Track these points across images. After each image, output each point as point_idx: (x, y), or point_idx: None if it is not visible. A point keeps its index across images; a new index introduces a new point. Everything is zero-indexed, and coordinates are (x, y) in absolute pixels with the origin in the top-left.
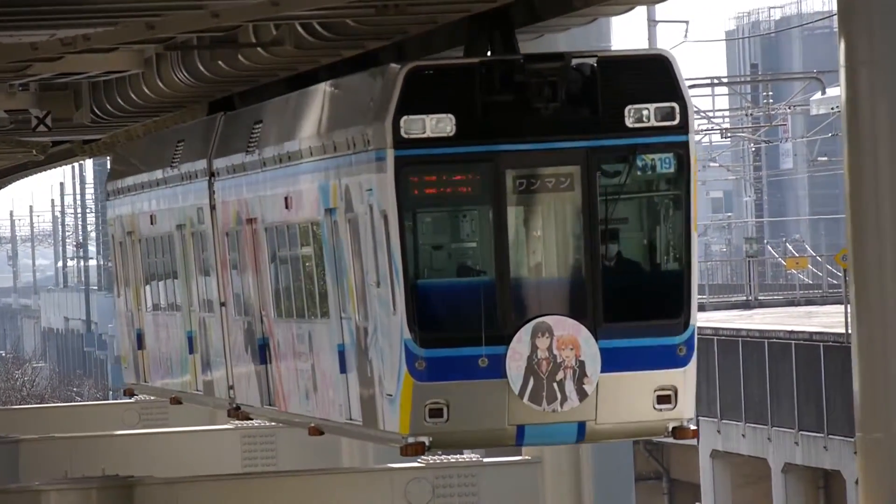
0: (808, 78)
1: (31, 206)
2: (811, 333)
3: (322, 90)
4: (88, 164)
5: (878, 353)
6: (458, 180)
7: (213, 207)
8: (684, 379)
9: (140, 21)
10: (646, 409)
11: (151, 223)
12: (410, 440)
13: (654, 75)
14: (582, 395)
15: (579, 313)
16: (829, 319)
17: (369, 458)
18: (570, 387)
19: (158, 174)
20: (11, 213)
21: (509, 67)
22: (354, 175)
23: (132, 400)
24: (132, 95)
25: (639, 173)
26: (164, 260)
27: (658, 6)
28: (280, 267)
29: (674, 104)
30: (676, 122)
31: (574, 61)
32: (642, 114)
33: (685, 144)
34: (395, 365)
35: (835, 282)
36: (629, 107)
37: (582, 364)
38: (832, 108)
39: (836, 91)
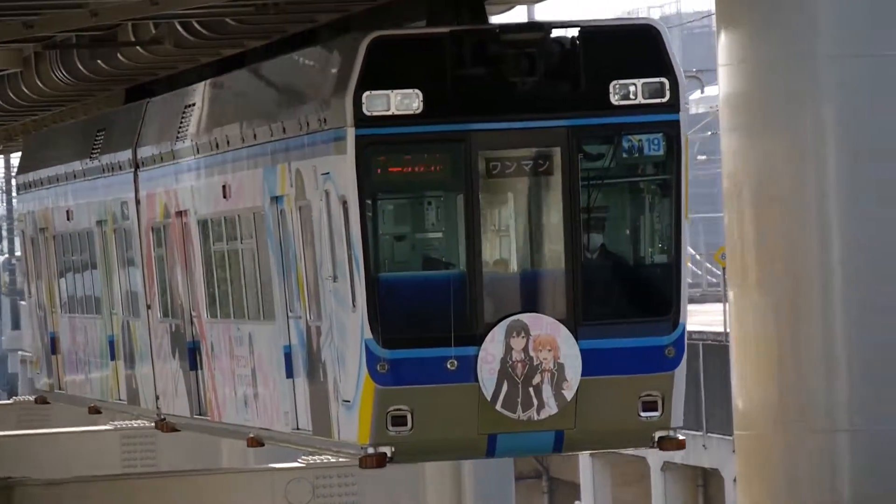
0: (687, 77)
1: None
2: (690, 332)
3: (266, 68)
4: None
5: (755, 352)
6: (425, 163)
7: (137, 201)
8: (672, 384)
9: (18, 20)
10: (630, 416)
11: (68, 219)
12: (370, 451)
13: (641, 48)
14: (561, 400)
15: (558, 311)
16: (709, 318)
17: (250, 459)
18: (547, 392)
19: (76, 166)
20: None
21: (483, 38)
22: (308, 158)
23: (10, 401)
24: (11, 94)
25: (625, 156)
26: (82, 258)
27: (538, 6)
28: (215, 263)
29: (663, 79)
30: (666, 99)
31: (554, 32)
32: (629, 90)
33: (676, 124)
34: (353, 368)
35: (714, 280)
36: (614, 82)
37: (561, 367)
38: (710, 107)
39: (715, 90)
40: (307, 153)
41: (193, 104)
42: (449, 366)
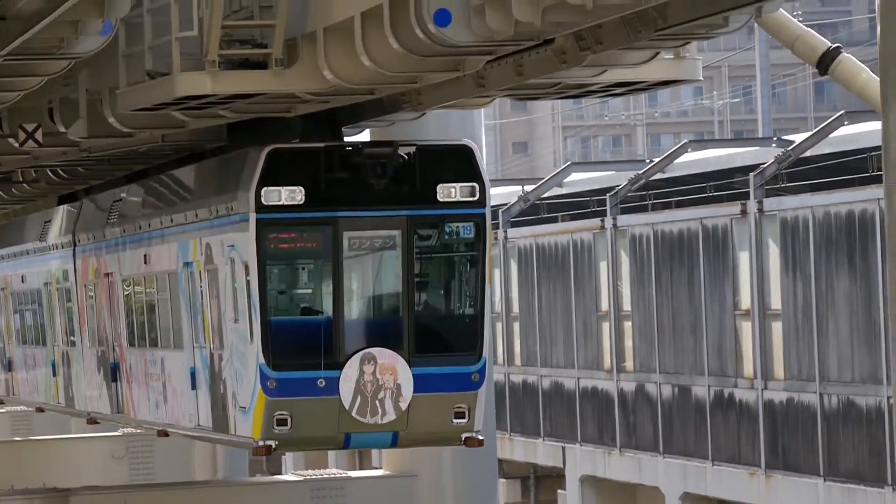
0: None
1: None
2: None
3: (178, 174)
4: None
5: None
6: (305, 238)
7: (75, 269)
8: (476, 399)
9: None
10: (446, 422)
11: (22, 281)
12: (260, 443)
13: (459, 161)
14: (398, 410)
15: (397, 346)
16: None
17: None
18: (388, 404)
19: (28, 246)
20: None
21: (348, 152)
22: (216, 235)
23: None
24: None
25: (446, 237)
26: (32, 307)
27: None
28: (135, 307)
29: (474, 184)
30: (476, 198)
31: (400, 149)
32: (450, 191)
33: (482, 216)
34: (250, 383)
35: None
36: (440, 185)
37: (399, 386)
38: None
39: None
40: (216, 231)
41: (120, 199)
42: (319, 384)
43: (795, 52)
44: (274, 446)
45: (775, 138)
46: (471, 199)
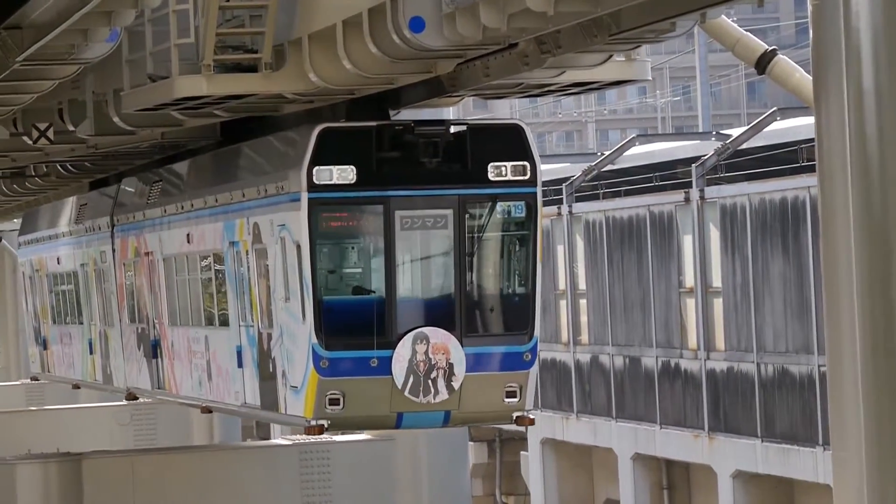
0: None
1: None
2: None
3: (222, 154)
4: None
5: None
6: (357, 218)
7: (113, 249)
8: (527, 379)
9: None
10: (497, 401)
11: (58, 263)
12: (313, 423)
13: (510, 140)
14: (450, 389)
15: (450, 326)
16: None
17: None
18: (441, 383)
19: (64, 228)
20: None
21: (400, 130)
22: (265, 214)
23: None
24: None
25: (497, 216)
26: (68, 287)
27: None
28: (176, 286)
29: (525, 163)
30: (527, 177)
31: (451, 127)
32: (501, 169)
33: (534, 195)
34: (302, 363)
35: None
36: (491, 164)
37: (451, 365)
38: None
39: None
40: (265, 211)
41: (160, 180)
42: (371, 363)
43: (736, 53)
44: (326, 426)
45: (714, 133)
46: (522, 177)
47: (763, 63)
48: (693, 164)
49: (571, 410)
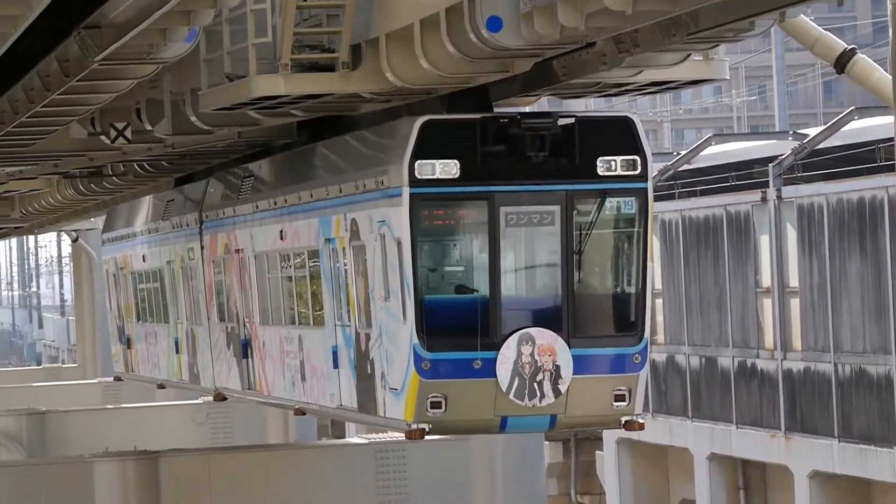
0: None
1: None
2: None
3: (317, 148)
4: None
5: None
6: (460, 214)
7: (202, 246)
8: (637, 382)
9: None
10: (605, 405)
11: (143, 261)
12: (414, 426)
13: (620, 133)
14: (557, 392)
15: (556, 326)
16: None
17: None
18: (547, 386)
19: (150, 224)
20: None
21: (506, 122)
22: (364, 210)
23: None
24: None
25: (606, 213)
26: (153, 285)
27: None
28: (268, 284)
29: (636, 157)
30: (638, 172)
31: (559, 120)
32: (611, 164)
33: (644, 191)
34: (402, 364)
35: None
36: (601, 158)
37: (558, 368)
38: None
39: None
40: (363, 207)
41: (251, 175)
42: (475, 365)
43: (815, 52)
44: (427, 429)
45: (791, 132)
46: (632, 172)
47: (842, 62)
48: (770, 164)
49: (647, 410)
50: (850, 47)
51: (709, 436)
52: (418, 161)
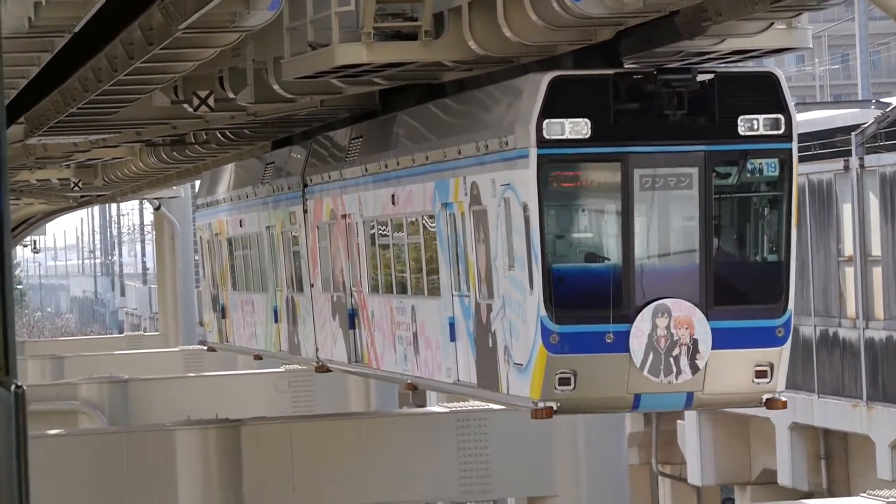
0: None
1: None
2: None
3: (433, 107)
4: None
5: None
6: (591, 177)
7: (304, 210)
8: (780, 357)
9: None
10: (745, 382)
11: (240, 226)
12: (540, 405)
13: (763, 90)
14: (694, 368)
15: (694, 297)
16: None
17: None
18: (684, 361)
19: (248, 189)
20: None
21: (640, 79)
22: (486, 173)
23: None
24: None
25: (748, 175)
26: (251, 252)
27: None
28: (379, 251)
29: (780, 116)
30: (782, 131)
31: (698, 76)
32: (753, 123)
33: (789, 152)
34: (528, 338)
35: None
36: (742, 116)
37: (695, 342)
38: None
39: None
40: (485, 169)
41: (360, 137)
42: (607, 339)
43: None
44: (556, 408)
45: (874, 101)
46: (776, 132)
47: None
48: (853, 133)
49: None
50: None
51: (791, 405)
52: (546, 120)
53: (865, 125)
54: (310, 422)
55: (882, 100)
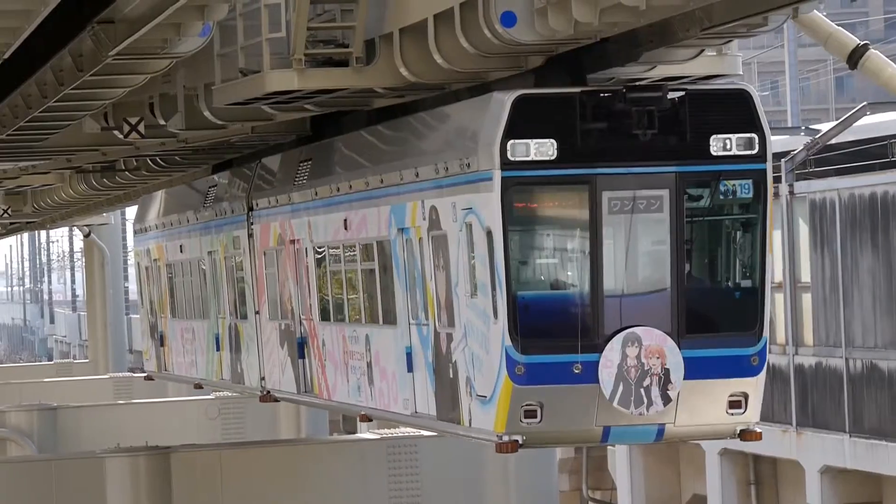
0: None
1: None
2: None
3: (388, 127)
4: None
5: None
6: (558, 200)
7: (250, 235)
8: (755, 386)
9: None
10: (719, 413)
11: (180, 251)
12: (505, 438)
13: (736, 108)
14: (666, 399)
15: (665, 325)
16: None
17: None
18: (655, 392)
19: (188, 214)
20: None
21: (609, 97)
22: (446, 196)
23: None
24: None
25: (721, 197)
26: (191, 278)
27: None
28: (330, 278)
29: (753, 135)
30: (755, 151)
31: (668, 93)
32: (725, 143)
33: (763, 172)
34: (492, 369)
35: None
36: (714, 136)
37: (667, 371)
38: None
39: None
40: (445, 192)
41: (309, 159)
42: (575, 369)
43: (828, 48)
44: (521, 441)
45: (803, 128)
46: (749, 152)
47: (855, 58)
48: (782, 159)
49: None
50: (862, 43)
51: None
52: (511, 141)
53: (795, 152)
54: (240, 449)
55: (812, 126)
